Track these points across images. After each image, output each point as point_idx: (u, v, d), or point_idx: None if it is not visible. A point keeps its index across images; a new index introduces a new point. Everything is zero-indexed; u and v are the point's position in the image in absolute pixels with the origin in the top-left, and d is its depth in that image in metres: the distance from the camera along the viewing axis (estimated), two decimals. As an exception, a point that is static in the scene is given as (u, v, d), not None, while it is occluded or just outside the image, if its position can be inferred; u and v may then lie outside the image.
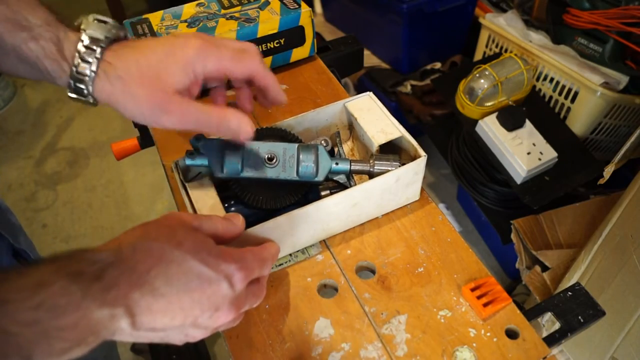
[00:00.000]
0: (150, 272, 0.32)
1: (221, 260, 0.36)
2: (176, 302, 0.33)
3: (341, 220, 0.54)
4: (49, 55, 0.39)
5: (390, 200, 0.56)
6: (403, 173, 0.53)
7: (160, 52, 0.40)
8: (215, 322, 0.36)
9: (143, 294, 0.31)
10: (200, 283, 0.34)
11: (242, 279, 0.37)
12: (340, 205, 0.52)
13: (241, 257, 0.38)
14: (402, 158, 0.58)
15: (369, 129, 0.57)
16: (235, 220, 0.43)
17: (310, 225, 0.52)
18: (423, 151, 0.54)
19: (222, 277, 0.35)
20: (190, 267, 0.34)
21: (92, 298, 0.29)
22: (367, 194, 0.53)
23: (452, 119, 1.36)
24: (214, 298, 0.35)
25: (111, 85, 0.39)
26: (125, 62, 0.40)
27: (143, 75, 0.40)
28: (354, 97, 0.61)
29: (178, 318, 0.34)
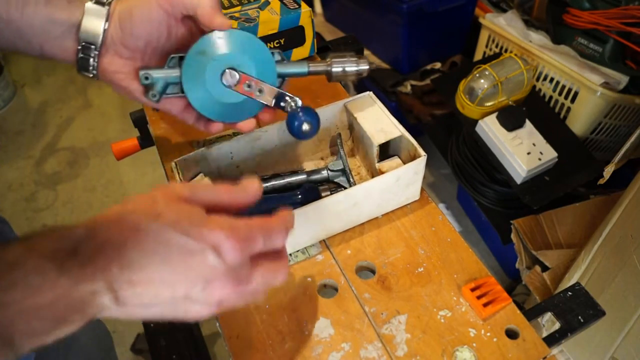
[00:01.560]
0: (127, 244, 0.31)
1: (205, 228, 0.33)
2: (156, 275, 0.31)
3: (341, 220, 0.54)
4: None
5: (390, 200, 0.56)
6: (403, 173, 0.53)
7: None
8: (210, 296, 0.34)
9: (122, 268, 0.30)
10: (180, 254, 0.32)
11: (233, 248, 0.33)
12: (340, 205, 0.52)
13: (233, 225, 0.34)
14: (402, 157, 0.58)
15: (368, 129, 0.57)
16: (249, 187, 0.38)
17: (311, 225, 0.52)
18: (423, 151, 0.54)
19: (207, 246, 0.32)
20: (168, 237, 0.32)
21: (68, 275, 0.28)
22: (367, 194, 0.53)
23: (452, 119, 1.36)
24: (201, 269, 0.32)
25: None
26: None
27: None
28: (354, 97, 0.61)
29: (164, 291, 0.32)
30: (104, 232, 0.31)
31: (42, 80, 2.25)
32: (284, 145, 0.61)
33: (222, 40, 0.48)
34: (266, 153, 0.60)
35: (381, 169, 0.57)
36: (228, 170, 0.59)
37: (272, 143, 0.60)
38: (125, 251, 0.31)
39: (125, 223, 0.32)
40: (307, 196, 0.55)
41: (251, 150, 0.59)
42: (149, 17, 0.45)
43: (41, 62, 2.33)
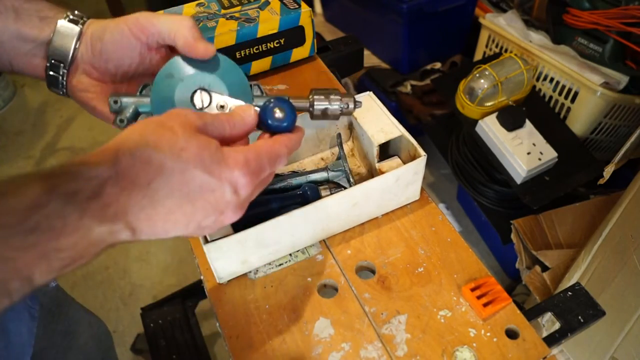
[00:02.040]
0: (151, 185, 0.31)
1: (224, 166, 0.35)
2: (178, 211, 0.33)
3: (341, 220, 0.54)
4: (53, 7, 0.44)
5: (390, 200, 0.56)
6: (403, 173, 0.53)
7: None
8: (220, 224, 0.37)
9: (143, 207, 0.31)
10: (202, 192, 0.34)
11: (247, 184, 0.36)
12: (340, 205, 0.52)
13: (247, 160, 0.36)
14: (402, 157, 0.58)
15: (368, 129, 0.57)
16: (245, 114, 0.40)
17: (311, 225, 0.52)
18: (423, 151, 0.54)
19: (226, 184, 0.35)
20: (193, 176, 0.33)
21: (90, 217, 0.28)
22: (366, 194, 0.53)
23: (452, 119, 1.36)
24: (218, 203, 0.35)
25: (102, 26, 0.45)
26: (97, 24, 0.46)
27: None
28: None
29: (180, 225, 0.34)
30: (128, 170, 0.31)
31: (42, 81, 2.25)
32: None
33: (190, 61, 0.45)
34: None
35: (381, 169, 0.57)
36: None
37: None
38: (149, 191, 0.31)
39: (150, 160, 0.32)
40: (307, 196, 0.55)
41: None
42: (120, 42, 0.44)
43: (41, 62, 2.33)
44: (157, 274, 1.53)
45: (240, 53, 0.71)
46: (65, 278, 1.53)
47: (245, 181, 0.36)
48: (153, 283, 1.50)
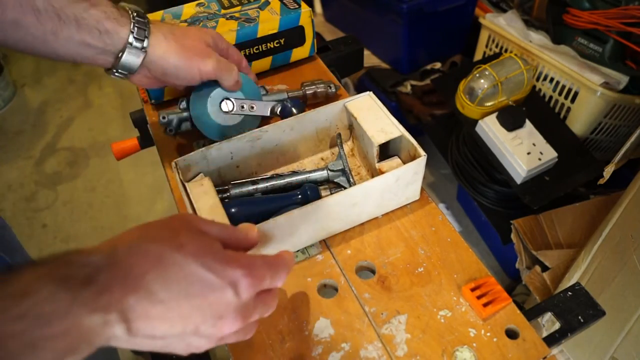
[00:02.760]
0: (147, 276, 0.30)
1: (227, 265, 0.34)
2: (175, 309, 0.31)
3: (341, 219, 0.54)
4: (110, 16, 0.48)
5: (390, 199, 0.56)
6: (403, 173, 0.53)
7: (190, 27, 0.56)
8: (219, 331, 0.34)
9: (139, 299, 0.29)
10: (202, 289, 0.32)
11: (249, 286, 0.34)
12: (340, 205, 0.52)
13: (250, 263, 0.35)
14: (402, 157, 0.58)
15: (368, 129, 0.57)
16: (250, 233, 0.41)
17: (311, 225, 0.52)
18: (423, 151, 0.54)
19: (227, 284, 0.33)
20: (192, 271, 0.32)
21: (81, 304, 0.27)
22: (366, 193, 0.53)
23: (452, 119, 1.36)
24: (217, 306, 0.33)
25: (165, 40, 0.51)
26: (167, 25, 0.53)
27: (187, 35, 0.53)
28: (354, 97, 0.61)
29: (178, 325, 0.32)
30: (125, 260, 0.30)
31: (42, 80, 2.25)
32: (284, 145, 0.61)
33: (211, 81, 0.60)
34: (266, 153, 0.60)
35: (381, 169, 0.57)
36: (228, 170, 0.59)
37: (273, 143, 0.60)
38: (145, 282, 0.30)
39: (147, 252, 0.31)
40: (307, 196, 0.55)
41: (251, 150, 0.59)
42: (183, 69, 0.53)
43: (41, 62, 2.33)
44: (157, 274, 1.53)
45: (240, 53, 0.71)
46: (65, 278, 1.53)
47: (247, 283, 0.34)
48: (153, 283, 1.50)
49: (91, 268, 0.29)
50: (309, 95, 0.69)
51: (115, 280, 0.29)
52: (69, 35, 0.46)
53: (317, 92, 0.69)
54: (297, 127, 0.59)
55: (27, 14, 0.43)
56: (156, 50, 0.51)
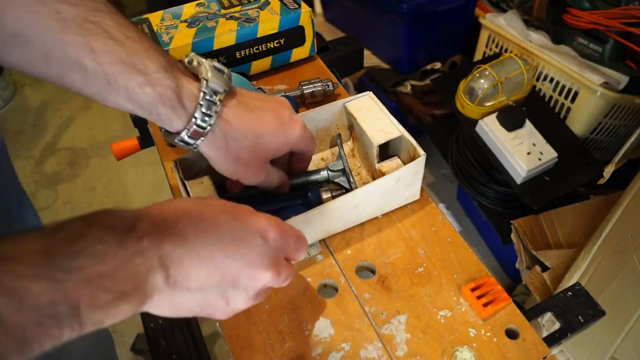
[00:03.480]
0: (179, 225, 0.32)
1: (253, 215, 0.35)
2: (208, 257, 0.32)
3: (342, 220, 0.54)
4: (166, 102, 0.39)
5: (390, 200, 0.56)
6: (403, 174, 0.53)
7: (274, 126, 0.45)
8: (255, 282, 0.35)
9: (174, 246, 0.31)
10: (232, 238, 0.33)
11: (277, 236, 0.36)
12: (342, 207, 0.52)
13: (274, 218, 0.37)
14: (401, 158, 0.58)
15: (368, 129, 0.57)
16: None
17: (313, 228, 0.52)
18: (422, 150, 0.54)
19: (255, 231, 0.35)
20: (221, 221, 0.33)
21: (126, 246, 0.29)
22: (368, 196, 0.53)
23: (452, 119, 1.36)
24: (250, 255, 0.34)
25: (224, 144, 0.43)
26: (242, 125, 0.43)
27: (258, 146, 0.44)
28: (354, 97, 0.61)
29: (214, 276, 0.33)
30: (158, 213, 0.32)
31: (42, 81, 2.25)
32: None
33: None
34: None
35: (381, 170, 0.57)
36: None
37: None
38: (178, 230, 0.31)
39: (179, 206, 0.33)
40: (308, 199, 0.55)
41: None
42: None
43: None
44: (157, 274, 1.53)
45: (240, 53, 0.71)
46: (65, 278, 1.53)
47: (274, 231, 0.36)
48: (153, 283, 1.50)
49: (130, 220, 0.30)
50: (306, 94, 0.69)
51: (152, 228, 0.30)
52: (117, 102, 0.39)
53: (314, 91, 0.69)
54: None
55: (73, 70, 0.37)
56: (208, 150, 0.44)
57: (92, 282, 0.27)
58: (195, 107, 0.40)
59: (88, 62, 0.37)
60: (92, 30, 0.37)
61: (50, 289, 0.25)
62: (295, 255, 0.40)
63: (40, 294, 0.24)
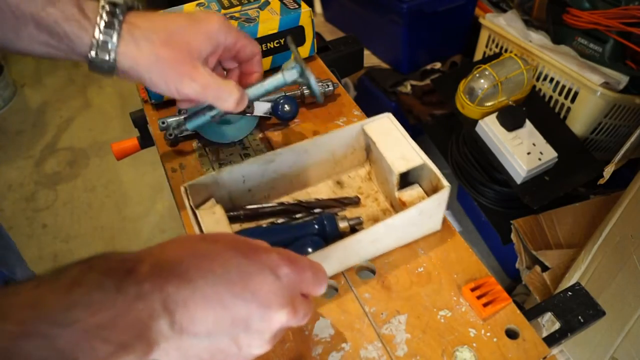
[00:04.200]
0: (183, 264, 0.30)
1: (263, 252, 0.32)
2: (215, 298, 0.30)
3: (360, 255, 0.52)
4: (70, 17, 0.38)
5: (411, 232, 0.53)
6: (426, 206, 0.50)
7: (186, 20, 0.42)
8: (269, 324, 0.32)
9: (178, 287, 0.29)
10: (240, 275, 0.31)
11: (290, 271, 0.33)
12: (360, 242, 0.49)
13: (288, 252, 0.34)
14: (422, 185, 0.55)
15: (388, 155, 0.54)
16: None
17: (329, 263, 0.49)
18: (446, 181, 0.51)
19: (265, 267, 0.32)
20: (228, 259, 0.31)
21: (126, 292, 0.27)
22: (388, 230, 0.50)
23: (452, 119, 1.36)
24: (261, 293, 0.31)
25: (137, 47, 0.40)
26: (151, 23, 0.41)
27: (171, 38, 0.40)
28: (372, 119, 0.58)
29: (223, 318, 0.30)
30: (161, 253, 0.30)
31: (42, 80, 2.25)
32: (298, 167, 0.58)
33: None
34: (280, 176, 0.57)
35: (401, 198, 0.54)
36: (240, 194, 0.56)
37: (286, 166, 0.56)
38: (181, 270, 0.30)
39: (182, 245, 0.31)
40: (324, 228, 0.52)
41: (264, 174, 0.56)
42: (161, 91, 0.44)
43: (41, 62, 2.33)
44: (157, 274, 1.53)
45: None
46: (65, 278, 1.53)
47: (287, 266, 0.33)
48: (153, 283, 1.50)
49: (131, 262, 0.29)
50: (306, 94, 0.69)
51: (154, 269, 0.29)
52: (30, 35, 0.39)
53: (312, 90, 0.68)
54: (312, 150, 0.57)
55: None
56: (126, 61, 0.40)
57: (90, 334, 0.25)
58: (98, 16, 0.39)
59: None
60: None
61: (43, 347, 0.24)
62: (313, 289, 0.35)
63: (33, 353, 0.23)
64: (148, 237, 1.62)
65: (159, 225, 1.65)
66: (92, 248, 1.60)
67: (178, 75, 0.41)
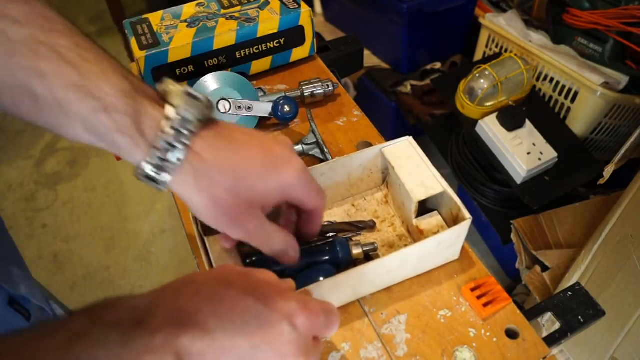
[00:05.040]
0: (199, 313, 0.28)
1: (281, 298, 0.31)
2: (232, 350, 0.28)
3: (374, 285, 0.50)
4: (123, 131, 0.34)
5: (427, 262, 0.51)
6: (445, 238, 0.48)
7: (261, 163, 0.37)
8: None
9: (194, 338, 0.27)
10: (259, 325, 0.30)
11: (306, 320, 0.32)
12: (374, 272, 0.47)
13: (302, 297, 0.33)
14: (442, 213, 0.54)
15: (407, 181, 0.52)
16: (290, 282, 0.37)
17: (341, 292, 0.48)
18: (468, 213, 0.49)
19: (283, 317, 0.31)
20: (246, 306, 0.30)
21: (134, 345, 0.26)
22: (404, 260, 0.48)
23: (452, 119, 1.36)
24: (278, 345, 0.30)
25: (195, 181, 0.35)
26: (218, 159, 0.36)
27: (237, 186, 0.36)
28: (392, 143, 0.56)
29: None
30: (175, 300, 0.29)
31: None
32: None
33: (207, 83, 0.62)
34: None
35: (419, 227, 0.52)
36: None
37: None
38: (199, 320, 0.28)
39: (198, 290, 0.30)
40: (336, 255, 0.50)
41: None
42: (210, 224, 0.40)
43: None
44: (157, 274, 1.53)
45: (240, 53, 0.71)
46: (65, 279, 1.53)
47: (304, 316, 0.32)
48: (153, 283, 1.50)
49: (140, 311, 0.27)
50: (306, 94, 0.69)
51: (167, 319, 0.27)
52: (78, 135, 0.35)
53: (314, 92, 0.69)
54: (328, 174, 0.55)
55: (23, 97, 0.33)
56: (177, 189, 0.36)
57: None
58: (156, 135, 0.34)
59: (38, 87, 0.32)
60: (42, 53, 0.32)
61: None
62: (325, 333, 0.35)
63: None
64: (148, 237, 1.62)
65: (159, 225, 1.66)
66: (92, 248, 1.60)
67: (229, 222, 0.38)
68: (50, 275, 1.53)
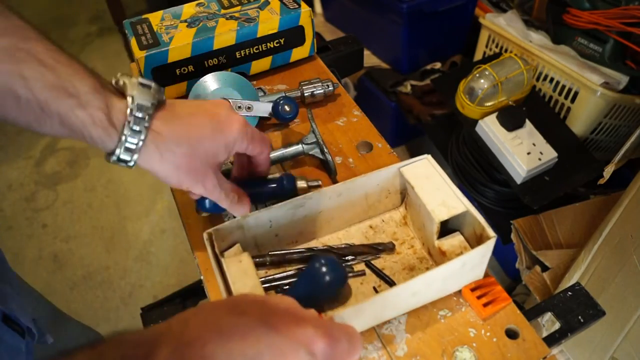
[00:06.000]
0: (207, 348, 0.27)
1: (296, 325, 0.30)
2: None
3: (397, 309, 0.49)
4: (97, 123, 0.39)
5: (451, 284, 0.50)
6: (470, 258, 0.47)
7: (209, 128, 0.44)
8: None
9: None
10: (273, 355, 0.28)
11: (326, 347, 0.30)
12: (398, 296, 0.46)
13: (322, 322, 0.31)
14: (464, 233, 0.52)
15: (428, 201, 0.50)
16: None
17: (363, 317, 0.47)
18: (492, 231, 0.47)
19: (300, 345, 0.29)
20: (258, 337, 0.28)
21: None
22: (428, 283, 0.47)
23: (452, 119, 1.36)
24: None
25: (159, 157, 0.42)
26: (173, 133, 0.43)
27: (193, 151, 0.43)
28: (410, 161, 0.55)
29: None
30: (182, 334, 0.28)
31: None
32: (330, 212, 0.54)
33: (207, 83, 0.63)
34: (309, 221, 0.54)
35: (441, 248, 0.51)
36: (266, 239, 0.53)
37: (317, 210, 0.53)
38: (206, 352, 0.27)
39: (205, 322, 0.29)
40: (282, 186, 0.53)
41: (292, 218, 0.52)
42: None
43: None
44: (157, 274, 1.53)
45: (240, 53, 0.71)
46: (65, 279, 1.53)
47: (322, 344, 0.30)
48: (153, 283, 1.50)
49: (146, 346, 0.26)
50: (306, 94, 0.69)
51: (174, 355, 0.26)
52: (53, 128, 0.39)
53: (314, 92, 0.69)
54: (345, 193, 0.54)
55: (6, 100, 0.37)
56: (146, 164, 0.43)
57: None
58: (124, 124, 0.40)
59: (20, 89, 0.36)
60: (22, 58, 0.37)
61: None
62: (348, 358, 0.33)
63: None
64: (148, 237, 1.62)
65: (159, 225, 1.66)
66: (92, 248, 1.60)
67: (192, 181, 0.44)
68: (50, 275, 1.53)
